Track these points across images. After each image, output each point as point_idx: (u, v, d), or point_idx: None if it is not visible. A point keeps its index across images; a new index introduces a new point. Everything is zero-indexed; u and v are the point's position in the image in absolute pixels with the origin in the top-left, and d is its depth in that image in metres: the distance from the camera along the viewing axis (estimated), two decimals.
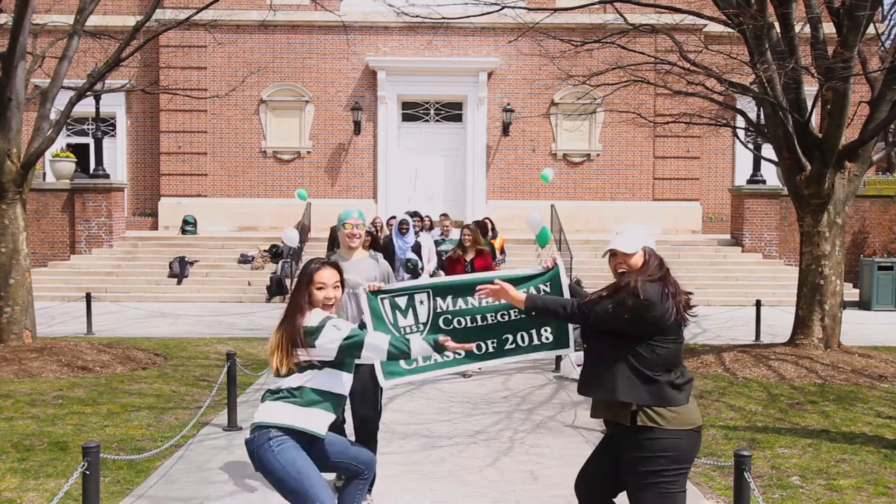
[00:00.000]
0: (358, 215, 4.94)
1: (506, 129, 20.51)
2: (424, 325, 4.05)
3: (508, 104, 20.30)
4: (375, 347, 3.43)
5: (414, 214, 11.15)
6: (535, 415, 7.00)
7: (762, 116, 12.23)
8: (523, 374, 8.76)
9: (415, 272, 9.83)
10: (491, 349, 4.04)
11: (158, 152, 20.89)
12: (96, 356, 8.86)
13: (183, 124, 20.55)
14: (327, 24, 19.73)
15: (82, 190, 17.62)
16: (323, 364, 3.45)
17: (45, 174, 18.95)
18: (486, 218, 13.43)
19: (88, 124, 20.79)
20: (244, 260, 17.26)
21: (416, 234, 10.88)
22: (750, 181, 18.24)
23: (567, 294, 3.91)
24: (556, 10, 11.67)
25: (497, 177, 20.68)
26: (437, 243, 11.53)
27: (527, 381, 8.45)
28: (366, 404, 4.83)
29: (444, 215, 13.36)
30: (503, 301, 3.77)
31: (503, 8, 9.55)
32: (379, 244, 8.56)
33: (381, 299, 4.11)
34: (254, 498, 4.85)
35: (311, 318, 3.45)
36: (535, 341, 4.04)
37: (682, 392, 3.25)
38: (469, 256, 8.41)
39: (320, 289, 3.52)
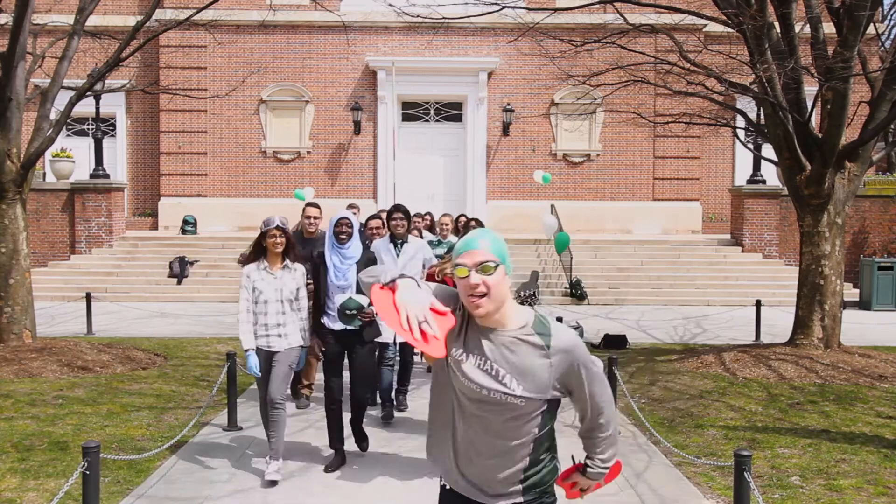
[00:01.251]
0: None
1: (506, 129, 20.51)
2: None
3: (508, 104, 20.30)
4: None
5: (412, 215, 7.58)
6: None
7: (762, 116, 12.23)
8: None
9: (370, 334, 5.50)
10: None
11: (158, 152, 20.89)
12: (96, 356, 8.86)
13: (183, 124, 20.55)
14: (327, 24, 19.73)
15: (82, 190, 17.61)
16: None
17: (45, 174, 18.95)
18: (462, 215, 10.40)
19: (88, 124, 20.79)
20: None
21: (406, 236, 6.89)
22: (750, 181, 18.24)
23: None
24: (556, 10, 11.67)
25: (497, 177, 20.68)
26: (429, 245, 8.08)
27: None
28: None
29: (446, 215, 9.61)
30: None
31: (503, 8, 9.55)
32: (293, 252, 5.41)
33: None
34: (254, 498, 4.85)
35: None
36: None
37: None
38: None
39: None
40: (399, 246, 6.76)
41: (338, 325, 5.42)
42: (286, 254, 5.38)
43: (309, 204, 7.46)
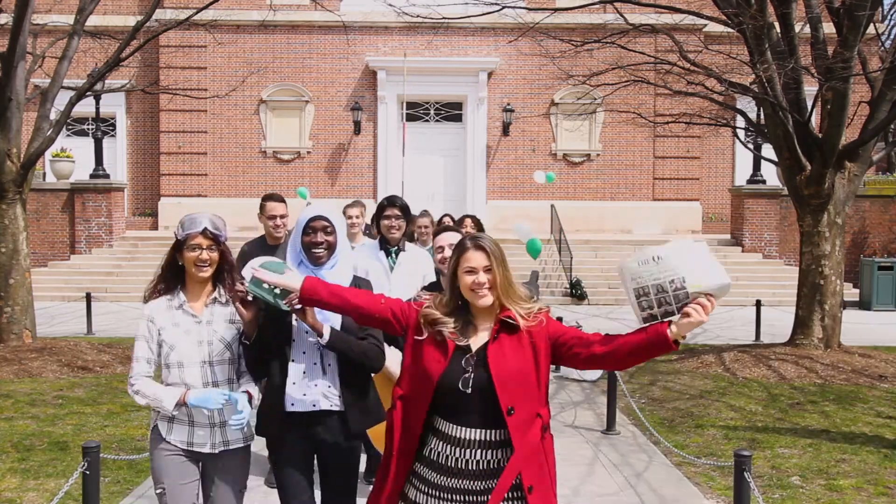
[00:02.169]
0: None
1: (506, 129, 20.50)
2: None
3: (508, 104, 20.30)
4: None
5: (397, 208, 4.95)
6: None
7: (762, 116, 12.23)
8: None
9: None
10: None
11: (158, 152, 20.89)
12: (96, 356, 8.86)
13: (183, 124, 20.55)
14: (327, 24, 19.73)
15: (82, 190, 17.62)
16: None
17: (45, 174, 18.95)
18: (446, 215, 8.31)
19: (88, 124, 20.78)
20: None
21: (403, 241, 4.97)
22: (750, 181, 18.24)
23: None
24: (556, 10, 11.67)
25: (497, 177, 20.68)
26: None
27: None
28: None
29: (424, 215, 6.27)
30: None
31: (503, 8, 9.55)
32: (231, 276, 3.03)
33: None
34: (254, 497, 4.85)
35: None
36: None
37: None
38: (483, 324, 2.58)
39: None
40: (394, 255, 4.80)
41: (298, 406, 2.97)
42: (219, 280, 3.05)
43: (267, 196, 5.28)
